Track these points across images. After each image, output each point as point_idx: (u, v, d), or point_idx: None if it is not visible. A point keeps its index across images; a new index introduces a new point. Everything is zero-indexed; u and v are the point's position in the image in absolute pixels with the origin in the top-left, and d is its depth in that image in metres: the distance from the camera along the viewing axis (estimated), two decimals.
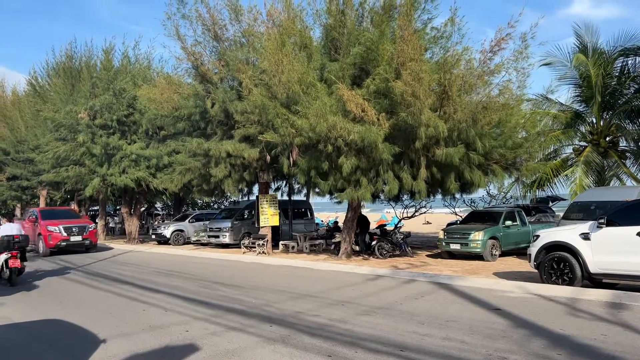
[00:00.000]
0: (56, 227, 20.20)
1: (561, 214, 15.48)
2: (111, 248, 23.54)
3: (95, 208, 40.47)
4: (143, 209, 33.31)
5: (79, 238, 20.52)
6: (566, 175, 19.61)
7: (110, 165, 23.41)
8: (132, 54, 26.36)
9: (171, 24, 17.23)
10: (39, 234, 20.47)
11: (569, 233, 10.18)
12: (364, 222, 18.07)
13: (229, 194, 24.59)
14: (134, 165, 23.10)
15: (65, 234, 20.22)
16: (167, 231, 24.91)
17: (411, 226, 28.42)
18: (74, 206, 32.83)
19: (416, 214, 21.99)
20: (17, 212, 42.25)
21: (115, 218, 38.66)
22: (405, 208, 21.68)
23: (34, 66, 70.78)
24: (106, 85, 23.60)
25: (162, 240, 24.99)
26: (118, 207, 38.30)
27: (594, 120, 20.47)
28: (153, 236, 25.71)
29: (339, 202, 17.14)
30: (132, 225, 26.04)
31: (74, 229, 20.50)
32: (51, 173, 25.10)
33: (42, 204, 35.80)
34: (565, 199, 21.00)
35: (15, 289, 11.77)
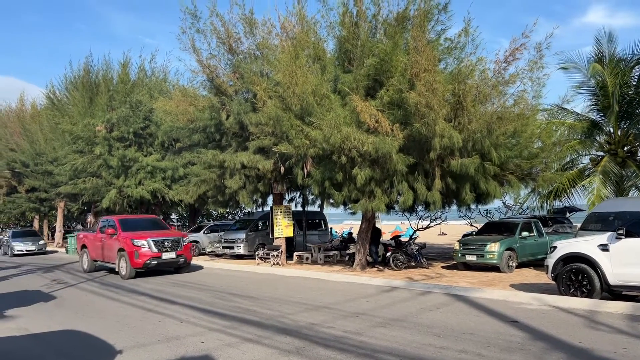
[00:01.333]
0: (144, 241, 15.83)
1: (579, 225, 15.25)
2: None
3: None
4: None
5: (172, 255, 16.22)
6: (583, 185, 19.33)
7: (126, 177, 23.68)
8: (148, 67, 26.80)
9: (186, 38, 17.49)
10: (121, 250, 16.10)
11: (587, 244, 10.04)
12: (375, 233, 18.00)
13: (243, 205, 24.70)
14: (150, 177, 23.35)
15: (155, 250, 15.90)
16: None
17: (426, 237, 28.24)
18: (90, 218, 33.16)
19: (431, 225, 21.85)
20: (35, 223, 42.84)
21: None
22: (420, 219, 21.57)
23: (51, 80, 72.15)
24: (123, 98, 23.96)
25: None
26: None
27: (612, 130, 20.21)
28: None
29: (353, 213, 17.10)
30: None
31: (166, 243, 16.21)
32: (69, 185, 25.44)
33: (59, 215, 36.27)
34: (582, 210, 20.69)
35: (33, 300, 11.92)
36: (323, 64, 15.08)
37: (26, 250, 28.87)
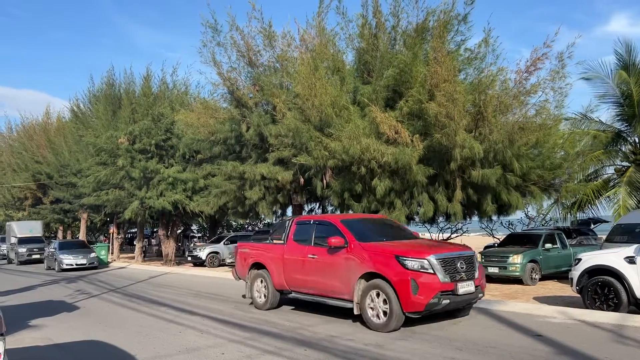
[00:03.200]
0: (423, 261, 8.53)
1: (604, 237, 14.95)
2: (149, 270, 23.87)
3: (133, 230, 41.45)
4: (179, 231, 33.83)
5: (469, 287, 8.84)
6: (608, 196, 19.00)
7: (148, 188, 23.97)
8: (170, 80, 27.17)
9: (207, 51, 17.74)
10: (367, 276, 9.00)
11: (613, 256, 9.82)
12: None
13: (263, 216, 24.78)
14: (171, 189, 23.58)
15: (446, 278, 8.56)
16: (203, 253, 25.17)
17: None
18: (112, 229, 33.59)
19: (452, 236, 21.62)
20: (59, 234, 43.53)
21: (153, 240, 39.39)
22: (440, 230, 21.37)
23: (76, 94, 73.71)
24: (145, 110, 24.33)
25: (198, 262, 25.26)
26: (155, 230, 39.05)
27: (637, 140, 19.87)
28: (189, 258, 26.01)
29: None
30: (168, 247, 26.46)
31: (459, 265, 8.87)
32: (92, 196, 25.84)
33: (82, 226, 36.82)
34: (607, 221, 20.30)
35: (57, 310, 12.08)
36: (342, 75, 15.14)
37: (76, 265, 24.66)
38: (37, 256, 30.58)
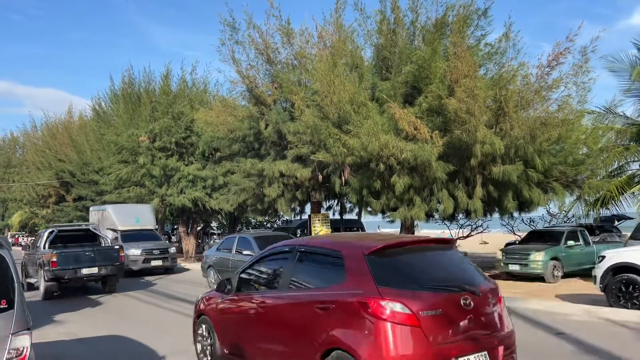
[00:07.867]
0: None
1: (628, 234, 14.64)
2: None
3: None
4: (199, 228, 34.08)
5: None
6: (633, 192, 18.58)
7: (168, 186, 24.20)
8: (189, 79, 27.33)
9: (226, 49, 17.76)
10: None
11: (638, 254, 9.63)
12: None
13: (282, 213, 24.86)
14: (191, 186, 23.78)
15: None
16: None
17: (467, 246, 27.66)
18: None
19: (472, 233, 21.41)
20: None
21: (173, 237, 39.76)
22: (460, 227, 21.16)
23: (97, 93, 74.66)
24: (165, 109, 24.54)
25: None
26: (175, 227, 39.43)
27: None
28: None
29: (392, 222, 16.94)
30: (189, 244, 26.69)
31: None
32: (114, 194, 26.17)
33: None
34: (632, 218, 19.89)
35: (80, 306, 12.29)
36: (360, 72, 15.07)
37: None
38: (160, 262, 19.71)
